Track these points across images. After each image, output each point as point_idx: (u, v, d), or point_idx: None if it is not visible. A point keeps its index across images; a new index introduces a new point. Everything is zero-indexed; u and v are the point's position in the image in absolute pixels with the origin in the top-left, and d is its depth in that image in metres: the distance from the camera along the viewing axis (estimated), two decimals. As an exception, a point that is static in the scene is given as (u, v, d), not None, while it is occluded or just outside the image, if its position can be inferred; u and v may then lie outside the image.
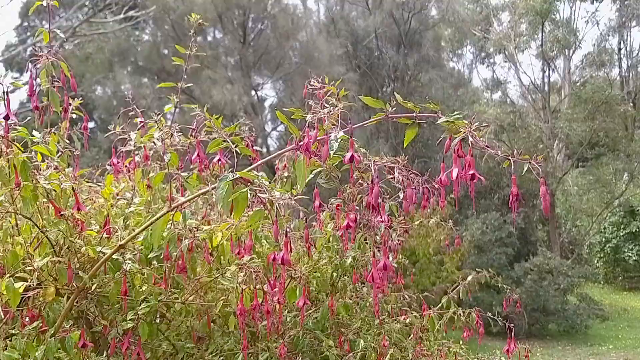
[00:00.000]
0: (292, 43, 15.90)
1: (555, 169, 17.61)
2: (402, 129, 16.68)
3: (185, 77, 2.88)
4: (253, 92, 16.25)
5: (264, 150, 16.48)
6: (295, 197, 1.78)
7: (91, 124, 23.45)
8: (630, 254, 20.26)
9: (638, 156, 17.95)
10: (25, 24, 19.21)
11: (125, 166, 2.56)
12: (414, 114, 1.90)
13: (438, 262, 13.04)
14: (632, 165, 18.03)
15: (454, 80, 19.58)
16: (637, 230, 20.16)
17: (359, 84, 17.03)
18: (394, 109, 1.99)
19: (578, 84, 19.88)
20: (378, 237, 2.53)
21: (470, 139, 1.78)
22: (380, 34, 17.37)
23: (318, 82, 2.59)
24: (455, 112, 1.91)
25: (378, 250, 2.06)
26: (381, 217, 1.99)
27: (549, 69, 19.13)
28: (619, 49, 22.90)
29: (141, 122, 2.42)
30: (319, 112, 1.81)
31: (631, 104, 19.95)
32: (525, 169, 1.86)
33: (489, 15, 19.42)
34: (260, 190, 1.67)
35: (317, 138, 1.87)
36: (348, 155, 1.75)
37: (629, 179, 18.45)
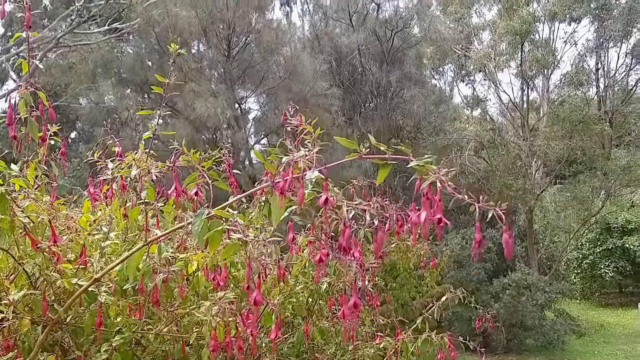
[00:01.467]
0: (276, 57, 15.97)
1: (533, 186, 17.87)
2: (384, 144, 16.84)
3: (166, 89, 2.88)
4: (237, 105, 16.27)
5: (247, 163, 16.50)
6: (269, 239, 1.83)
7: (73, 134, 23.33)
8: (606, 271, 20.58)
9: (615, 174, 18.26)
10: (9, 33, 19.10)
11: (104, 193, 2.59)
12: (387, 156, 1.97)
13: (418, 276, 13.15)
14: (608, 183, 18.35)
15: (435, 97, 19.83)
16: (614, 247, 20.50)
17: (342, 99, 17.17)
18: (367, 149, 2.05)
19: (556, 102, 20.24)
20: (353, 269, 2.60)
21: (439, 184, 1.84)
22: (363, 51, 17.57)
23: (293, 112, 2.67)
24: (426, 156, 1.97)
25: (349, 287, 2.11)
26: (353, 257, 2.05)
27: (527, 88, 19.48)
28: (597, 69, 23.41)
29: (118, 152, 2.45)
30: (294, 155, 1.87)
31: (608, 124, 20.36)
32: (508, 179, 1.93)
33: (470, 35, 19.76)
34: (233, 230, 1.73)
35: (293, 176, 1.93)
36: (322, 198, 1.81)
37: (606, 196, 18.76)
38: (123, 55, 17.05)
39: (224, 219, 1.81)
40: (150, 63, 15.71)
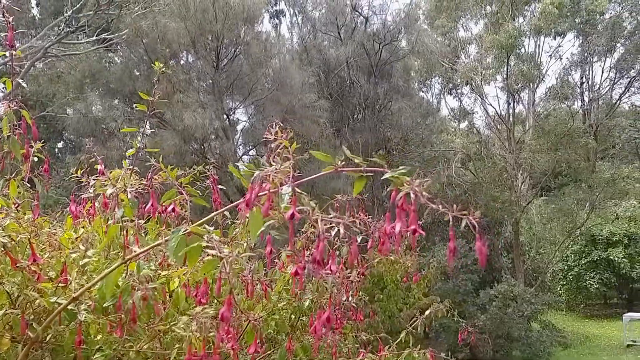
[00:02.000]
0: (264, 69, 16.05)
1: (519, 198, 18.02)
2: (372, 155, 16.74)
3: (152, 99, 2.87)
4: (225, 117, 16.29)
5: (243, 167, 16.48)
6: (243, 255, 1.86)
7: (60, 144, 23.19)
8: (591, 282, 20.75)
9: (599, 187, 18.48)
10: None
11: (87, 210, 2.61)
12: (362, 169, 2.00)
13: (405, 288, 13.17)
14: (593, 195, 18.56)
15: (422, 109, 20.00)
16: (599, 259, 20.69)
17: (330, 110, 17.27)
18: (343, 162, 2.08)
19: (542, 116, 20.50)
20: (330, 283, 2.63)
21: (412, 195, 1.87)
22: (351, 63, 17.71)
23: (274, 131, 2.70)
24: (401, 167, 2.00)
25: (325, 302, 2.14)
26: (329, 270, 2.08)
27: (513, 101, 19.71)
28: (581, 83, 23.75)
29: (100, 170, 2.47)
30: (267, 169, 1.89)
31: (592, 137, 20.62)
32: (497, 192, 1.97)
33: (456, 48, 19.98)
34: (209, 247, 1.75)
35: (269, 191, 1.95)
36: (289, 212, 1.83)
37: (591, 208, 18.96)
38: (111, 65, 17.04)
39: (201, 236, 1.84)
40: (138, 74, 15.71)
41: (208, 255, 1.85)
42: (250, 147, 17.98)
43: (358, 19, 18.56)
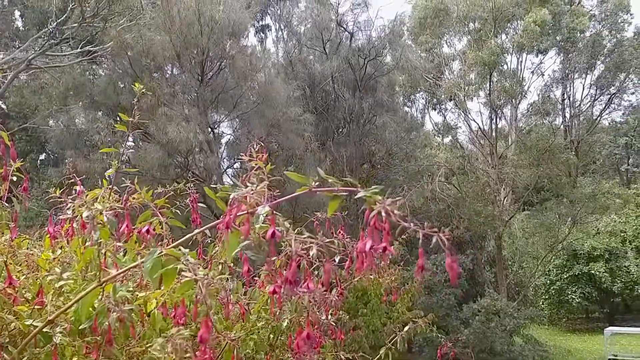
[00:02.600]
0: (249, 83, 16.09)
1: (502, 213, 18.19)
2: (356, 169, 16.76)
3: (134, 111, 2.88)
4: (209, 130, 16.28)
5: (219, 187, 16.41)
6: (219, 277, 1.88)
7: (42, 156, 22.99)
8: (573, 296, 20.94)
9: (580, 202, 18.72)
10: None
11: (65, 231, 2.61)
12: (336, 189, 2.03)
13: (389, 302, 13.19)
14: (574, 210, 18.79)
15: (407, 124, 20.17)
16: (580, 273, 20.90)
17: (315, 124, 17.34)
18: (317, 183, 2.10)
19: (524, 131, 20.78)
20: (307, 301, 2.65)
21: (384, 214, 1.90)
22: (336, 78, 17.83)
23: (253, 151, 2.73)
24: (373, 187, 2.03)
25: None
26: (306, 288, 2.10)
27: (496, 117, 19.97)
28: (563, 100, 24.15)
29: (79, 191, 2.48)
30: (242, 190, 1.92)
31: (573, 152, 20.93)
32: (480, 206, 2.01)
33: (440, 64, 20.24)
34: (184, 269, 1.77)
35: (246, 212, 1.98)
36: (270, 231, 1.86)
37: (572, 223, 19.19)
38: (95, 78, 16.98)
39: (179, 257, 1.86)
40: (123, 86, 15.67)
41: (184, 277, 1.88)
42: (235, 160, 17.97)
43: (343, 34, 18.73)
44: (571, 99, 24.67)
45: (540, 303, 21.94)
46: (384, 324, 12.82)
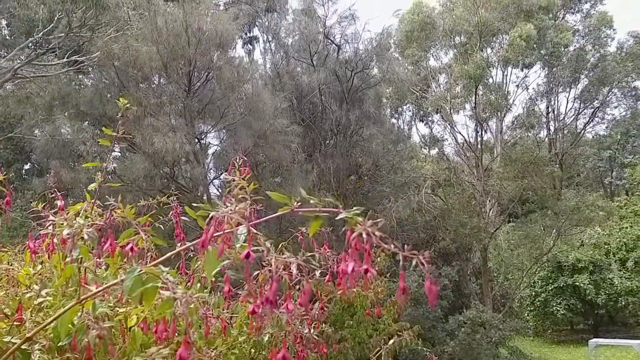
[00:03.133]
0: (237, 94, 16.10)
1: (487, 224, 18.32)
2: (343, 181, 16.77)
3: (118, 125, 2.87)
4: (196, 141, 16.24)
5: (205, 198, 16.36)
6: (196, 296, 1.89)
7: (27, 166, 22.77)
8: (558, 308, 21.06)
9: (565, 214, 18.89)
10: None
11: (46, 246, 2.60)
12: (317, 209, 2.05)
13: (375, 314, 13.20)
14: (559, 222, 18.96)
15: (393, 136, 20.28)
16: (565, 285, 21.04)
17: (302, 136, 17.38)
18: (299, 204, 2.12)
19: (509, 144, 20.99)
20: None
21: (365, 235, 1.92)
22: (324, 90, 17.92)
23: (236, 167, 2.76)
24: (355, 208, 2.05)
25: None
26: (285, 308, 2.11)
27: (481, 130, 20.19)
28: (547, 113, 24.46)
29: (61, 206, 2.48)
30: (222, 210, 1.93)
31: (558, 165, 21.16)
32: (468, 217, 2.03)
33: (427, 77, 20.44)
34: (163, 287, 1.78)
35: (224, 232, 1.99)
36: (244, 253, 1.87)
37: (557, 235, 19.35)
38: (82, 88, 16.91)
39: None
40: (109, 96, 15.61)
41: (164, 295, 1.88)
42: (222, 171, 17.94)
43: (330, 46, 18.85)
44: (555, 112, 25.01)
45: (526, 315, 22.05)
46: (370, 336, 12.82)
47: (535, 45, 21.73)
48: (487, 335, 15.22)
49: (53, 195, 2.55)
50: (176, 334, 2.63)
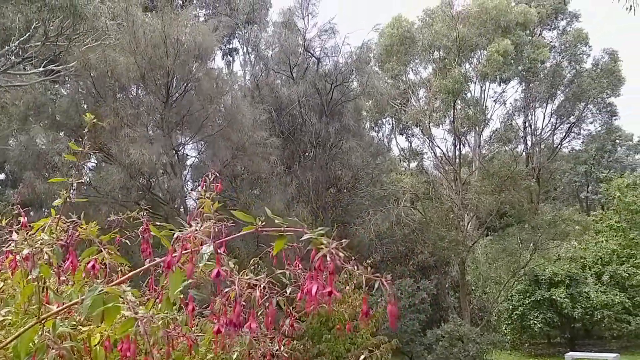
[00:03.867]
0: (215, 106, 16.03)
1: (465, 238, 18.42)
2: (322, 193, 16.68)
3: (84, 139, 2.77)
4: (174, 152, 16.10)
5: (182, 210, 16.19)
6: (158, 316, 1.83)
7: (1, 176, 22.32)
8: (535, 322, 21.15)
9: (541, 228, 19.08)
10: None
11: (9, 262, 2.51)
12: (282, 229, 2.01)
13: (353, 328, 13.11)
14: (536, 236, 19.14)
15: (373, 149, 20.37)
16: (542, 298, 21.16)
17: (282, 148, 17.35)
18: (263, 223, 2.08)
19: (487, 158, 21.21)
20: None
21: (328, 257, 1.88)
22: (303, 102, 17.95)
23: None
24: (319, 228, 2.02)
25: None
26: (248, 328, 2.06)
27: (460, 144, 20.38)
28: (524, 128, 24.81)
29: (23, 222, 2.40)
30: (187, 230, 1.89)
31: (535, 179, 21.41)
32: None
33: (406, 91, 20.61)
34: (126, 307, 1.73)
35: (189, 251, 1.94)
36: (214, 271, 1.83)
37: (534, 249, 19.52)
38: (58, 97, 16.67)
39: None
40: (86, 106, 15.41)
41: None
42: (199, 182, 17.79)
43: (310, 59, 18.91)
44: (532, 127, 25.41)
45: (503, 328, 22.12)
46: (348, 350, 12.74)
47: (512, 61, 22.08)
48: (464, 349, 15.23)
49: (17, 212, 2.47)
50: (139, 354, 2.56)
